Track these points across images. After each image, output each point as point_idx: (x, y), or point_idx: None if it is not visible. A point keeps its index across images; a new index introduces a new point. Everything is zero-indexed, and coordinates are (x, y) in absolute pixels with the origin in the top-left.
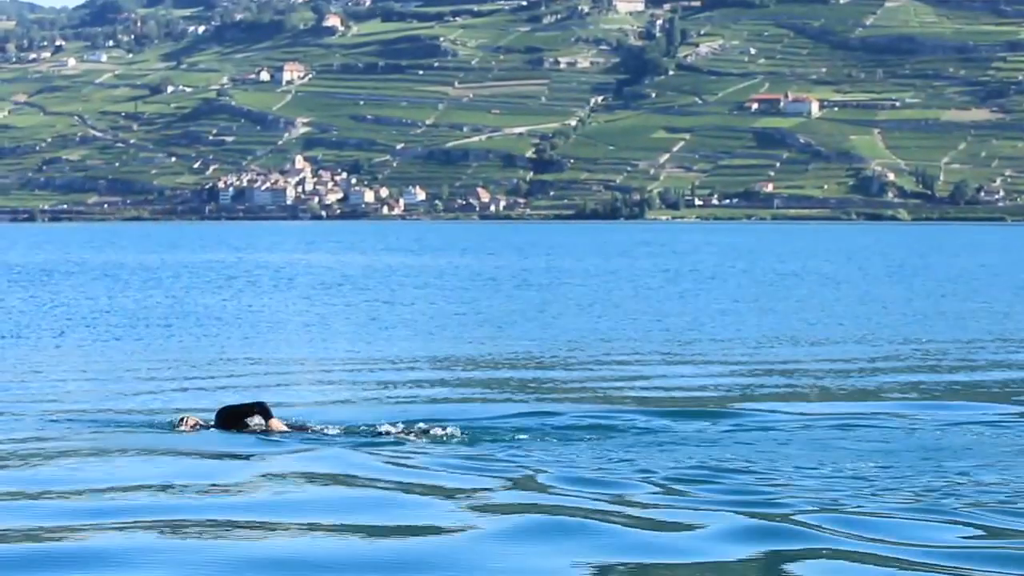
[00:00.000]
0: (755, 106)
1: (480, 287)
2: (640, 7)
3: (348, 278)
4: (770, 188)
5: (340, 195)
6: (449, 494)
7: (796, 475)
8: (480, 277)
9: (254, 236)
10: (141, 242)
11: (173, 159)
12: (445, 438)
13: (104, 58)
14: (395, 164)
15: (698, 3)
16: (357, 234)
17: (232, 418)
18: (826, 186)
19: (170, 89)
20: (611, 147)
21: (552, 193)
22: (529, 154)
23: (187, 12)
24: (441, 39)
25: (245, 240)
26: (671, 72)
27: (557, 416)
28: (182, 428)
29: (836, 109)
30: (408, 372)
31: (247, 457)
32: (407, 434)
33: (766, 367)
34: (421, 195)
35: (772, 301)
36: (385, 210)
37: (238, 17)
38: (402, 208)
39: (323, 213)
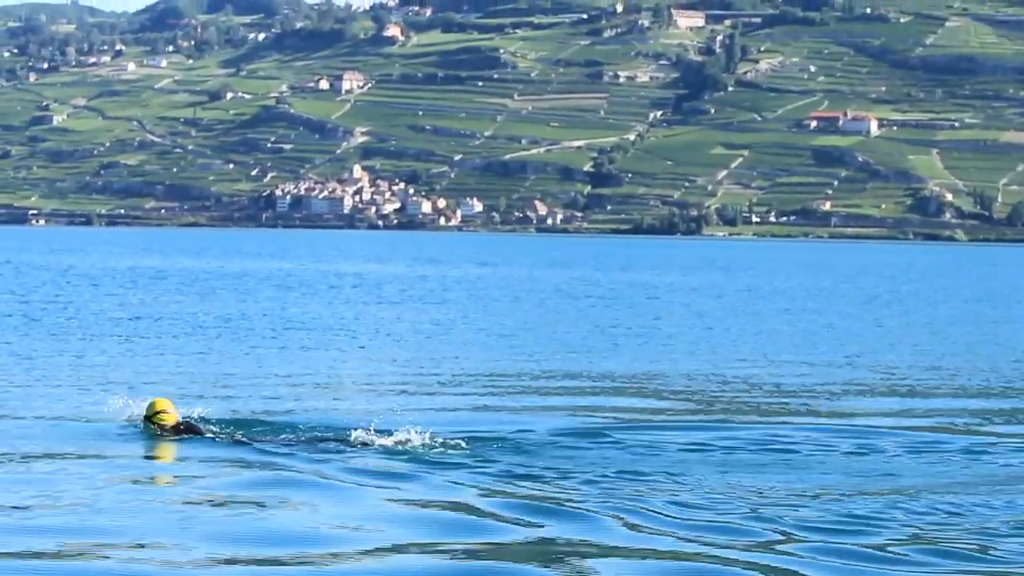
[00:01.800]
0: (814, 124)
1: (651, 303)
2: (701, 22)
3: (451, 290)
4: (827, 206)
5: (397, 205)
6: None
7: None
8: (622, 291)
9: (323, 245)
10: (225, 248)
11: (231, 166)
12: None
13: (164, 63)
14: (453, 175)
15: (758, 19)
16: (424, 245)
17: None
18: (883, 205)
19: (229, 96)
20: (669, 162)
21: (609, 207)
22: (587, 168)
23: (247, 19)
24: (501, 51)
25: (317, 248)
26: (730, 88)
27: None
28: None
29: (895, 128)
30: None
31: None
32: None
33: None
34: (478, 207)
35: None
36: (442, 221)
37: (298, 25)
38: (459, 220)
39: (380, 223)
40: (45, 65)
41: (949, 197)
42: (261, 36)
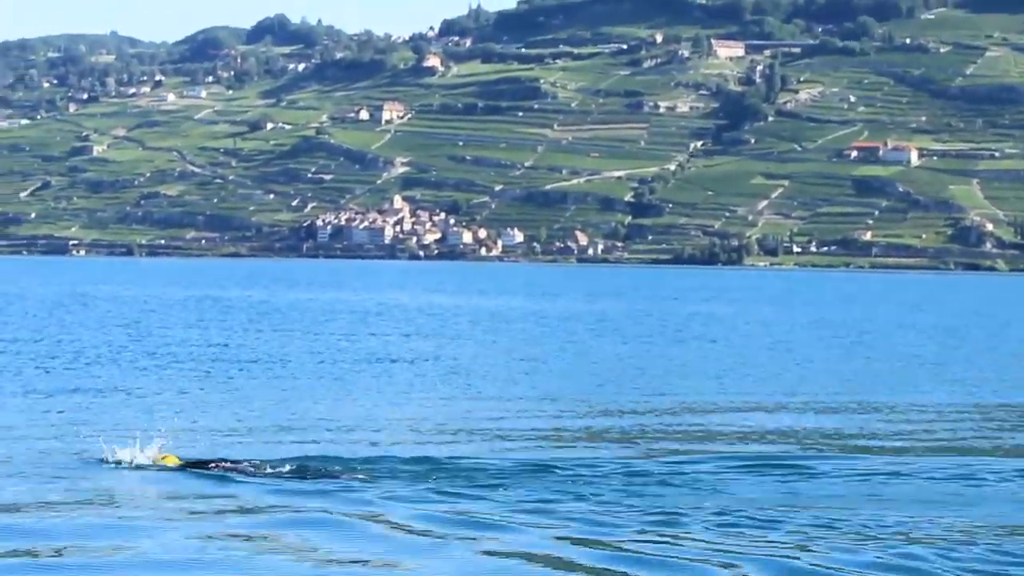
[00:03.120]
0: (854, 154)
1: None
2: (740, 52)
3: (538, 324)
4: (868, 236)
5: (438, 235)
6: None
7: None
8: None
9: (372, 276)
10: (279, 280)
11: (271, 196)
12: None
13: (203, 94)
14: (493, 205)
15: (798, 49)
16: (473, 276)
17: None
18: (924, 235)
19: (269, 126)
20: (710, 192)
21: (650, 237)
22: (628, 198)
23: (287, 49)
24: (541, 81)
25: (369, 279)
26: (770, 118)
27: None
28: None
29: (935, 158)
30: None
31: None
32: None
33: None
34: (519, 237)
35: None
36: (483, 251)
37: (338, 55)
38: (500, 250)
39: (421, 253)
40: (85, 96)
41: (989, 227)
42: (301, 66)
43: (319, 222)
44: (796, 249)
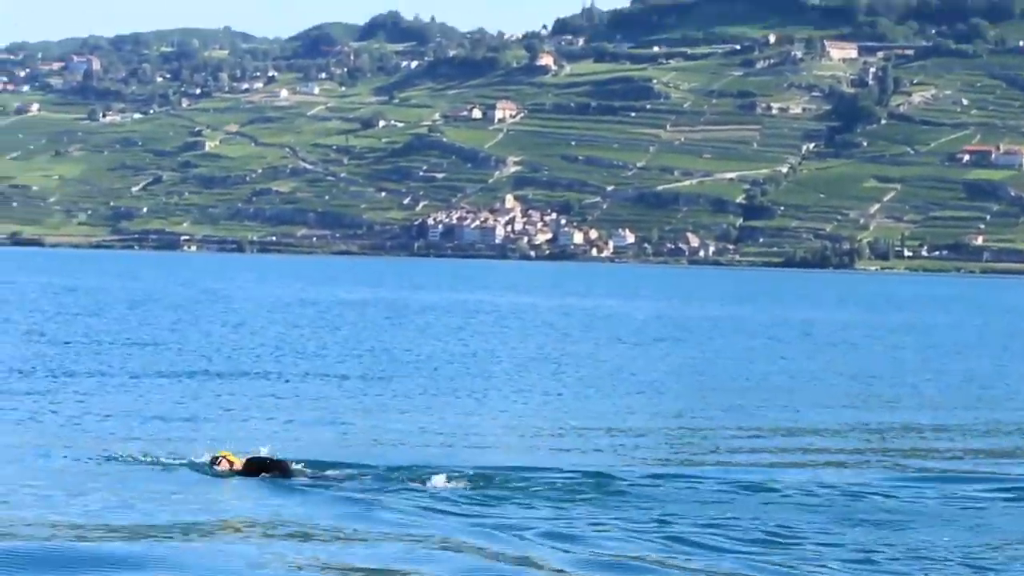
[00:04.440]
0: (966, 157)
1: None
2: (854, 54)
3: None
4: (980, 241)
5: (549, 236)
6: None
7: None
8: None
9: (494, 275)
10: (422, 279)
11: (383, 194)
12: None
13: (316, 90)
14: (605, 206)
15: (911, 52)
16: (593, 277)
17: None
18: None
19: (381, 123)
20: (821, 195)
21: (762, 240)
22: (740, 200)
23: (400, 47)
24: (654, 81)
25: (493, 280)
26: (883, 121)
27: None
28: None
29: None
30: None
31: None
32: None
33: None
34: (630, 238)
35: None
36: (594, 252)
37: (451, 53)
38: (611, 251)
39: (532, 253)
40: (198, 91)
41: None
42: (414, 64)
43: (430, 221)
44: (907, 253)
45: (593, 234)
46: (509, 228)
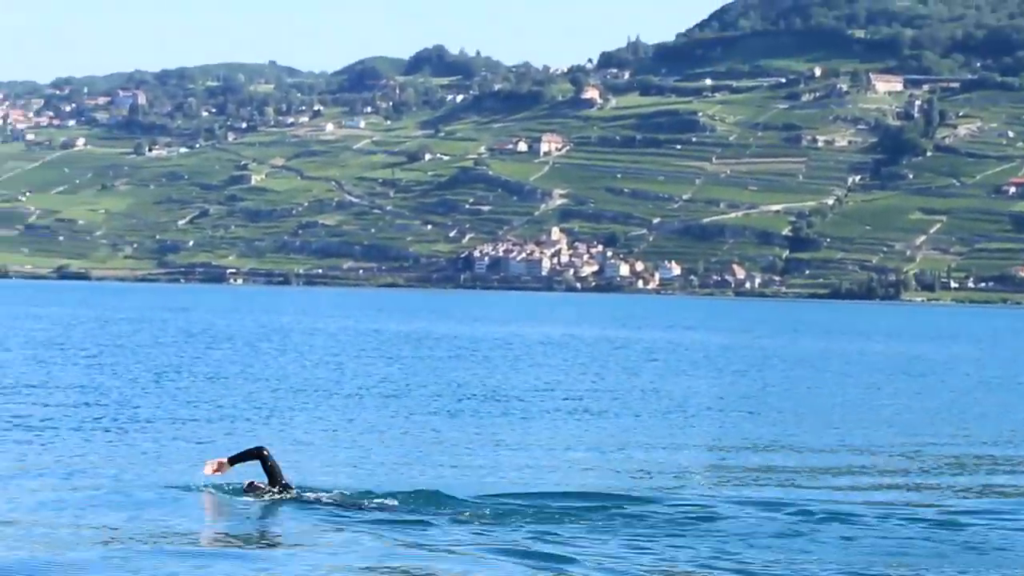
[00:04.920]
0: (1012, 189)
1: None
2: (899, 87)
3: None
4: None
5: (595, 267)
6: None
7: None
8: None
9: (543, 308)
10: (479, 311)
11: (429, 227)
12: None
13: (362, 124)
14: (651, 238)
15: (956, 84)
16: (643, 309)
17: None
18: None
19: (427, 157)
20: (867, 227)
21: (807, 272)
22: (785, 232)
23: (445, 80)
24: (699, 114)
25: (543, 312)
26: (928, 153)
27: None
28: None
29: None
30: None
31: None
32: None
33: None
34: (676, 270)
35: None
36: (640, 284)
37: (497, 87)
38: (657, 283)
39: (577, 285)
40: (243, 125)
41: None
42: (459, 97)
43: (476, 253)
44: (953, 285)
45: (639, 266)
46: (555, 260)
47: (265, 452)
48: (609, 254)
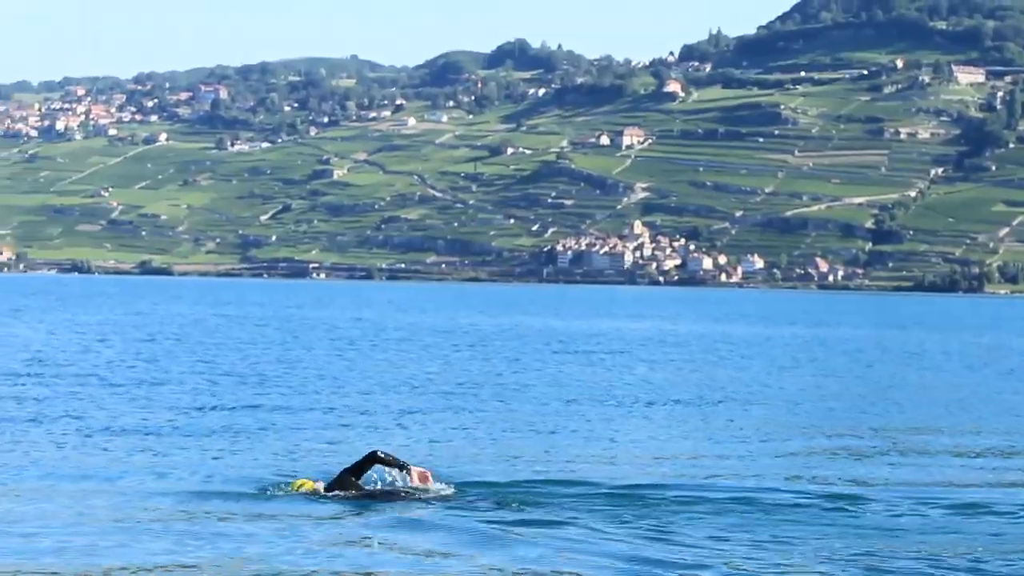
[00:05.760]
0: None
1: None
2: (981, 79)
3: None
4: None
5: (678, 261)
6: None
7: None
8: None
9: (635, 304)
10: (570, 306)
11: (512, 221)
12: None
13: (444, 118)
14: (734, 232)
15: None
16: (733, 303)
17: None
18: None
19: (509, 151)
20: (950, 219)
21: (891, 264)
22: (868, 224)
23: (527, 74)
24: (782, 107)
25: (636, 307)
26: (1011, 145)
27: None
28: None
29: None
30: None
31: None
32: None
33: None
34: (759, 263)
35: None
36: (723, 278)
37: (579, 80)
38: (740, 276)
39: (660, 279)
40: (325, 119)
41: None
42: (541, 91)
43: (559, 247)
44: None
45: (722, 259)
46: (638, 254)
47: (380, 454)
48: (692, 247)
